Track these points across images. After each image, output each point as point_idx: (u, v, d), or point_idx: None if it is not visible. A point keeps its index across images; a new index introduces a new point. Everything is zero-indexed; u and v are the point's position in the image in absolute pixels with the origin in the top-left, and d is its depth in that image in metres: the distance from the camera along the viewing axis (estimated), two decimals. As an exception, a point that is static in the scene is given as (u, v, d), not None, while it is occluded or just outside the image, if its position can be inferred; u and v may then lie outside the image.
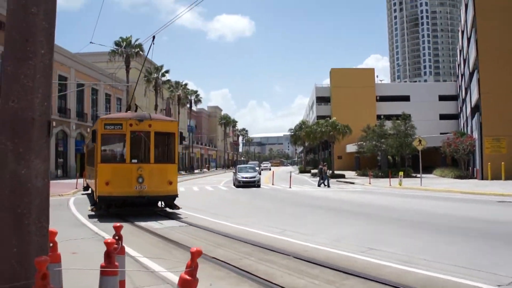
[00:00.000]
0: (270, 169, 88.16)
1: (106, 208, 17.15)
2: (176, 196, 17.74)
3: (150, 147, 17.00)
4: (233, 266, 8.79)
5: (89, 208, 18.17)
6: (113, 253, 4.31)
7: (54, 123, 47.42)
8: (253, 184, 36.22)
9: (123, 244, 8.64)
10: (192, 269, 3.62)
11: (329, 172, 55.84)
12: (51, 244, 4.72)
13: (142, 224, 14.80)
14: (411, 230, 13.24)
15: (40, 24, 4.29)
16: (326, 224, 14.96)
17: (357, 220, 15.68)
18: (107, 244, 4.30)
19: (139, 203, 16.83)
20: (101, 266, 4.38)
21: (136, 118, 17.10)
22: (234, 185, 37.99)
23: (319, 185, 37.01)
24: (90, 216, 16.77)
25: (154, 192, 16.87)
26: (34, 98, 4.18)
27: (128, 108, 20.22)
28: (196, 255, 3.67)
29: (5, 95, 4.20)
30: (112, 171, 16.68)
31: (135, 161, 16.87)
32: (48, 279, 3.45)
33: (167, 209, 18.35)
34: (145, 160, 16.92)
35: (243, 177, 36.66)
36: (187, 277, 3.64)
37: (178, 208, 17.89)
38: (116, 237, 5.07)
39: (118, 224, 5.58)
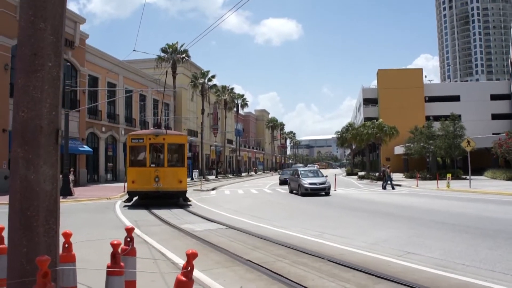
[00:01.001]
0: None
1: (131, 199, 23.70)
2: (185, 191, 23.86)
3: (165, 155, 23.47)
4: (265, 268, 8.83)
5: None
6: (119, 254, 4.47)
7: (103, 129, 48.87)
8: (323, 191, 30.04)
9: (158, 246, 8.77)
10: (187, 270, 3.69)
11: (375, 174, 55.03)
12: (66, 245, 4.93)
13: (184, 227, 15.06)
14: (453, 234, 12.91)
15: (48, 38, 4.51)
16: (366, 227, 14.76)
17: (398, 223, 15.40)
18: (113, 245, 4.47)
19: (156, 196, 23.07)
20: (107, 266, 4.55)
21: (153, 133, 23.87)
22: (291, 192, 33.12)
23: (383, 188, 36.17)
24: (135, 220, 17.20)
25: (168, 188, 23.16)
26: (42, 108, 4.42)
27: (159, 125, 26.60)
28: (191, 257, 3.76)
29: (16, 105, 4.49)
30: (136, 173, 23.16)
31: (153, 165, 23.40)
32: (49, 277, 3.64)
33: (182, 201, 24.43)
34: (160, 164, 23.44)
35: (311, 183, 30.14)
36: (183, 278, 3.74)
37: (189, 201, 24.63)
38: (128, 239, 5.23)
39: (130, 226, 5.80)
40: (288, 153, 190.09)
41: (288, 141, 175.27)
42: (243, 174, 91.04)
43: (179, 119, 68.02)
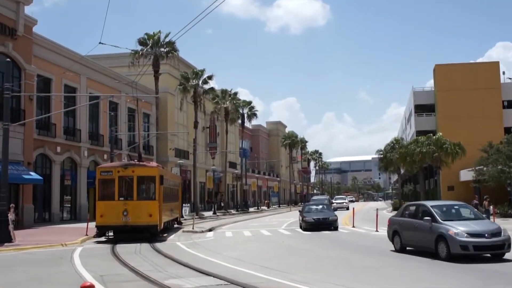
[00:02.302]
0: (347, 208, 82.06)
1: (102, 234, 31.10)
2: (156, 225, 30.34)
3: (134, 188, 30.41)
4: None
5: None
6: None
7: (59, 149, 48.90)
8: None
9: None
10: None
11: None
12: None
13: (169, 283, 14.87)
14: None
15: None
16: (415, 281, 14.73)
17: (459, 276, 15.09)
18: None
19: (124, 230, 30.08)
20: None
21: (122, 166, 31.15)
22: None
23: None
24: (102, 275, 16.95)
25: (136, 222, 29.69)
26: None
27: (139, 157, 34.74)
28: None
29: None
30: (105, 206, 30.16)
31: (122, 198, 30.39)
32: None
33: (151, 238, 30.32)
34: (129, 198, 30.38)
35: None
36: None
37: (161, 236, 32.73)
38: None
39: (88, 283, 5.98)
40: (312, 179, 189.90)
41: (312, 164, 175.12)
42: (250, 210, 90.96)
43: (164, 136, 68.42)
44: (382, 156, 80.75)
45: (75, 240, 28.96)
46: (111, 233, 31.40)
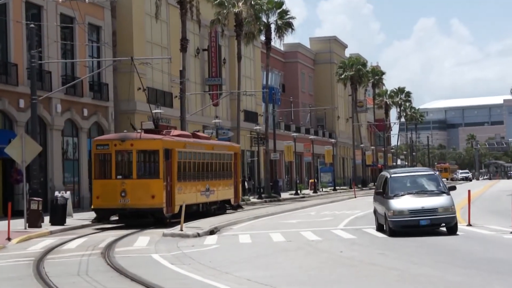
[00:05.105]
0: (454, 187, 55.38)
1: (100, 219, 30.68)
2: (161, 209, 29.34)
3: (133, 164, 29.84)
4: None
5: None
6: None
7: None
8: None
9: None
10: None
11: None
12: None
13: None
14: None
15: None
16: None
17: None
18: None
19: (123, 214, 30.44)
20: None
21: (119, 138, 30.68)
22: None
23: None
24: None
25: (137, 205, 29.33)
26: None
27: (155, 123, 33.70)
28: None
29: None
30: (101, 186, 30.33)
31: (120, 177, 29.77)
32: None
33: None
34: (128, 176, 29.77)
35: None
36: None
37: (169, 221, 29.65)
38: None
39: None
40: (394, 141, 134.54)
41: (393, 113, 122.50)
42: (283, 195, 64.54)
43: (127, 65, 44.40)
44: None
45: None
46: (115, 218, 31.19)
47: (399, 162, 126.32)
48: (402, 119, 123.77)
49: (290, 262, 18.45)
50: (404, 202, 22.54)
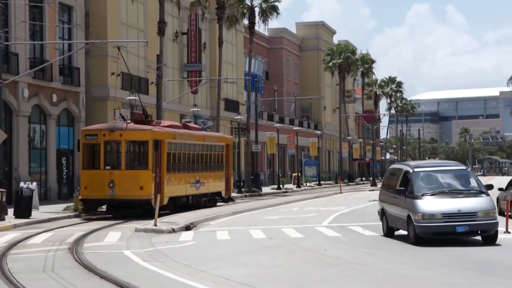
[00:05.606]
0: None
1: (88, 209, 31.22)
2: (150, 200, 29.31)
3: (122, 155, 30.50)
4: None
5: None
6: None
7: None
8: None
9: None
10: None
11: None
12: None
13: None
14: None
15: None
16: None
17: None
18: None
19: (111, 205, 30.93)
20: None
21: (108, 128, 30.90)
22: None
23: None
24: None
25: (125, 196, 29.59)
26: None
27: (144, 113, 34.56)
28: None
29: None
30: (89, 176, 30.60)
31: (108, 167, 30.48)
32: None
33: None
34: (117, 167, 30.44)
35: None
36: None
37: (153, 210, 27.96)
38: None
39: None
40: (382, 134, 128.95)
41: (383, 103, 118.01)
42: (265, 190, 63.83)
43: (100, 49, 43.67)
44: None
45: None
46: (103, 208, 31.90)
47: (388, 156, 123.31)
48: (392, 111, 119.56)
49: (271, 261, 17.81)
50: (435, 204, 19.26)
